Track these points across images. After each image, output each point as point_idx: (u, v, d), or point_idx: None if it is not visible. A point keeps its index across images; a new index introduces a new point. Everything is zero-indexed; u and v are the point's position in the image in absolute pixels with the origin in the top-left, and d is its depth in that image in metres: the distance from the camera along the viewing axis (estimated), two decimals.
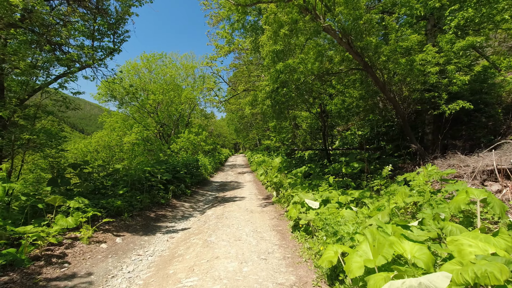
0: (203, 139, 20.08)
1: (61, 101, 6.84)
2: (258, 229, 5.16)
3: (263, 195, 9.38)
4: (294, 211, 4.54)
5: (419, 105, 9.03)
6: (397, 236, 2.20)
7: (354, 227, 3.27)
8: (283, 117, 10.09)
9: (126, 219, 5.63)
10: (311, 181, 7.39)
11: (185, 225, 5.96)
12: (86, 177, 5.94)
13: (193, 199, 9.25)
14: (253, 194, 9.65)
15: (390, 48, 8.07)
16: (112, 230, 4.98)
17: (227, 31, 10.05)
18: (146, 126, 19.99)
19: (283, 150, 18.46)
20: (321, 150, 12.28)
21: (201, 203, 8.70)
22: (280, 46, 7.91)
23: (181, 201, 8.64)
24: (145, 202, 6.79)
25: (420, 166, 8.02)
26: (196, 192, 10.54)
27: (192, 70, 22.93)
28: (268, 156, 20.43)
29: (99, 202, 5.52)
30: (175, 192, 8.92)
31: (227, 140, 64.45)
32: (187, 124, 23.53)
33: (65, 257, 3.63)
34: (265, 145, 28.21)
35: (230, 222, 5.82)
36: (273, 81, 8.34)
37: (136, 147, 22.20)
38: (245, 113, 10.64)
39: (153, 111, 20.49)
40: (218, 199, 9.08)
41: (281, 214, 6.31)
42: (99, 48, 9.58)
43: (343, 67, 8.74)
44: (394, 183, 6.57)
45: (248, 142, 44.13)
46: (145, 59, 20.21)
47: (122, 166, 7.73)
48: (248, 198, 8.83)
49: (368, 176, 7.91)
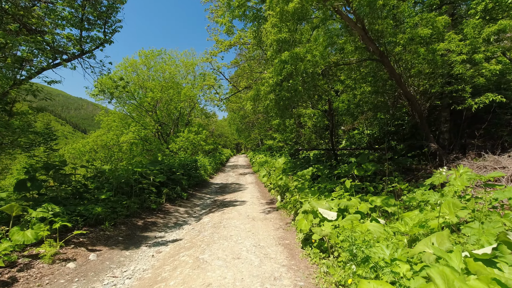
0: (203, 139, 19.29)
1: (29, 89, 6.05)
2: (261, 243, 4.33)
3: (266, 199, 8.56)
4: (305, 223, 3.72)
5: (438, 100, 8.16)
6: (485, 281, 1.38)
7: (390, 249, 2.45)
8: (288, 114, 9.27)
9: (107, 228, 4.83)
10: (320, 184, 6.55)
11: (176, 235, 5.16)
12: (62, 180, 5.16)
13: (190, 203, 8.44)
14: (255, 198, 8.83)
15: (407, 36, 7.22)
16: (86, 243, 4.18)
17: (227, 18, 9.25)
18: (144, 125, 19.26)
19: (286, 150, 17.62)
20: (328, 150, 11.43)
21: (198, 207, 7.89)
22: (286, 34, 7.09)
23: (175, 205, 7.83)
24: (133, 208, 5.99)
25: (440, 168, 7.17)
26: (193, 195, 9.73)
27: (192, 67, 22.18)
28: (270, 157, 19.60)
29: (76, 209, 4.73)
30: (170, 195, 8.12)
31: (228, 140, 63.72)
32: (187, 123, 22.77)
33: (13, 285, 2.83)
34: (268, 145, 27.39)
35: (228, 232, 5.00)
36: (277, 73, 7.52)
37: (135, 147, 21.51)
38: (246, 110, 9.83)
39: (152, 110, 19.75)
40: (216, 203, 8.27)
41: (287, 223, 5.49)
42: (88, 39, 8.83)
43: (355, 58, 7.91)
44: (415, 187, 5.73)
45: (250, 142, 43.34)
46: (143, 55, 19.49)
47: (111, 167, 6.95)
48: (249, 203, 8.01)
49: (384, 178, 7.05)
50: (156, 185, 7.76)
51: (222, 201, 8.57)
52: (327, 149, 11.59)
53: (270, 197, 8.87)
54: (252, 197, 8.95)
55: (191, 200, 8.88)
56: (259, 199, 8.53)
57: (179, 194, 8.59)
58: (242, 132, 40.53)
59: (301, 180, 6.89)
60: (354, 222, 3.29)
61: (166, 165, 9.34)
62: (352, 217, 3.42)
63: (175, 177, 9.06)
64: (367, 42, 6.55)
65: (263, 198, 8.72)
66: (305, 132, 12.82)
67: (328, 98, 9.21)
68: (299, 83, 7.70)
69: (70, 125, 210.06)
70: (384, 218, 4.06)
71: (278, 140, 17.60)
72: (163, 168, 8.85)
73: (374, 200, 4.23)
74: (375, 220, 3.32)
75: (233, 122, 44.49)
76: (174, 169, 9.62)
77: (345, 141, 13.45)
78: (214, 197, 9.59)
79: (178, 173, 9.77)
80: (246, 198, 8.92)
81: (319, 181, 7.42)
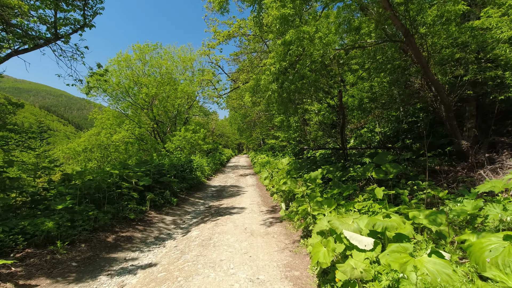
0: (201, 138, 18.17)
1: None
2: (260, 274, 3.17)
3: (267, 205, 7.40)
4: (324, 253, 2.56)
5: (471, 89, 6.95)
6: None
7: None
8: (292, 109, 8.11)
9: (59, 250, 3.69)
10: (333, 190, 5.37)
11: (153, 257, 4.01)
12: (4, 186, 4.03)
13: (180, 209, 7.30)
14: (255, 204, 7.68)
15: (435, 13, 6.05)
16: (20, 275, 3.04)
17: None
18: (138, 123, 18.20)
19: (290, 150, 16.44)
20: (337, 150, 10.25)
21: (188, 215, 6.75)
22: (290, 10, 5.92)
23: (162, 213, 6.70)
24: (103, 219, 4.85)
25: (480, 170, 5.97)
26: (185, 200, 8.60)
27: (191, 63, 21.07)
28: (273, 157, 18.44)
29: (18, 224, 3.60)
30: (156, 201, 6.99)
31: (230, 140, 62.70)
32: (185, 122, 21.69)
33: None
34: (270, 145, 26.19)
35: (218, 255, 3.84)
36: (280, 59, 6.36)
37: (130, 147, 20.47)
38: (245, 103, 8.67)
39: (147, 107, 18.68)
40: (210, 211, 7.13)
41: (294, 241, 4.32)
42: (65, 20, 7.74)
43: (372, 40, 6.72)
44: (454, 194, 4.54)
45: (251, 142, 42.21)
46: (137, 49, 18.41)
47: (81, 168, 5.81)
48: (248, 210, 6.85)
49: (409, 182, 5.86)
50: (140, 190, 6.63)
51: (217, 208, 7.43)
52: (335, 148, 10.40)
53: (273, 203, 7.71)
54: (252, 203, 7.81)
55: (182, 206, 7.74)
56: (259, 206, 7.37)
57: (168, 199, 7.46)
58: (243, 131, 39.37)
59: (311, 185, 5.71)
60: (403, 257, 2.11)
61: (155, 166, 8.21)
62: (399, 248, 2.25)
63: (165, 179, 7.93)
64: (392, 17, 5.36)
65: (265, 205, 7.57)
66: (311, 130, 11.64)
67: (339, 89, 8.02)
68: (307, 68, 6.53)
69: (73, 125, 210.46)
70: (434, 242, 2.88)
71: (281, 139, 16.43)
72: (150, 169, 7.73)
73: (416, 216, 3.06)
74: (435, 253, 2.15)
75: (234, 121, 43.37)
76: (164, 171, 8.50)
77: (353, 139, 12.25)
78: (209, 202, 8.45)
79: (169, 175, 8.64)
80: (245, 204, 7.76)
81: (331, 185, 6.24)
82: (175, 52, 21.31)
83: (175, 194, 8.50)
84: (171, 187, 8.10)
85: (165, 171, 8.54)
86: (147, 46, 18.76)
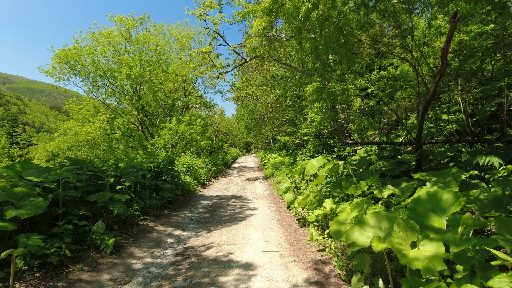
0: (199, 131, 14.35)
1: None
2: None
3: (300, 255, 3.49)
4: None
5: None
6: None
7: None
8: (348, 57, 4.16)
9: None
10: None
11: None
12: None
13: (111, 269, 3.44)
14: (273, 246, 3.77)
15: None
16: None
17: None
18: (119, 111, 14.60)
19: (311, 147, 12.39)
20: (406, 144, 6.19)
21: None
22: None
23: (53, 282, 2.88)
24: None
25: None
26: (142, 235, 4.74)
27: (187, 41, 17.33)
28: (289, 156, 14.44)
29: None
30: (45, 256, 3.13)
31: (237, 139, 59.13)
32: (182, 113, 17.98)
33: None
34: (282, 142, 22.07)
35: None
36: None
37: (115, 143, 16.90)
38: (253, 30, 4.82)
39: (131, 93, 15.01)
40: (180, 270, 3.27)
41: None
42: None
43: None
44: None
45: (260, 140, 38.22)
46: (122, 24, 14.74)
47: None
48: (262, 271, 2.97)
49: None
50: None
51: (197, 259, 3.55)
52: (403, 143, 6.32)
53: (306, 242, 3.78)
54: (268, 242, 3.90)
55: (126, 253, 3.86)
56: (284, 256, 3.43)
57: (94, 243, 3.61)
58: (251, 129, 35.63)
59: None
60: None
61: (85, 171, 4.38)
62: None
63: (103, 197, 4.09)
64: None
65: (294, 250, 3.65)
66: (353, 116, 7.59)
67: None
68: None
69: None
70: None
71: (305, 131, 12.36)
72: (68, 177, 3.89)
73: None
74: None
75: (241, 117, 39.58)
76: (108, 180, 4.66)
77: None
78: (188, 237, 4.57)
79: (122, 187, 4.83)
80: (254, 245, 3.85)
81: None
82: (169, 30, 17.62)
83: (122, 224, 4.65)
84: (112, 212, 4.20)
85: (112, 179, 4.69)
86: (132, 20, 15.08)
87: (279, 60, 11.55)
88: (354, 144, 7.84)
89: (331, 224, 2.69)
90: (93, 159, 12.55)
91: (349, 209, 2.73)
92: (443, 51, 3.96)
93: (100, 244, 3.56)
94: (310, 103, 9.09)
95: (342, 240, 2.46)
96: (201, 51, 11.09)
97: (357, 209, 2.61)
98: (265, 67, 19.82)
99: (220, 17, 9.72)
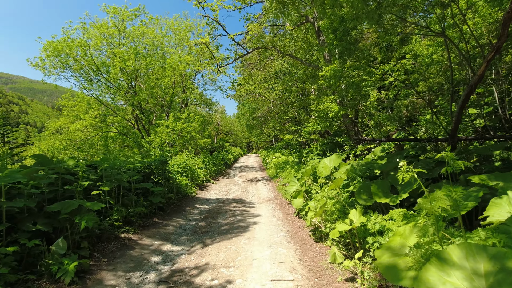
0: (197, 129, 13.47)
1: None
2: None
3: (318, 275, 2.62)
4: None
5: None
6: None
7: None
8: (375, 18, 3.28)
9: None
10: None
11: None
12: None
13: None
14: (284, 267, 2.89)
15: None
16: None
17: None
18: (113, 108, 13.75)
19: (318, 145, 11.47)
20: (438, 141, 5.27)
21: None
22: None
23: None
24: None
25: None
26: (123, 250, 3.87)
27: (186, 35, 16.45)
28: (295, 156, 13.55)
29: None
30: None
31: (239, 138, 58.33)
32: (180, 110, 17.11)
33: None
34: (285, 141, 21.16)
35: None
36: None
37: (111, 142, 16.09)
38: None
39: (126, 89, 14.16)
40: None
41: None
42: None
43: None
44: None
45: (262, 140, 37.32)
46: (113, 13, 13.88)
47: None
48: None
49: None
50: None
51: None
52: (434, 139, 5.39)
53: (326, 262, 2.90)
54: (278, 265, 3.02)
55: (88, 281, 2.97)
56: (301, 285, 2.58)
57: (49, 269, 2.75)
58: (253, 128, 34.75)
59: None
60: None
61: (48, 173, 3.51)
62: None
63: (67, 207, 3.22)
64: None
65: (310, 271, 2.77)
66: (371, 109, 6.65)
67: None
68: None
69: None
70: None
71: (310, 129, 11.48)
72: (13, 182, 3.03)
73: None
74: None
75: (243, 116, 38.67)
76: (81, 184, 3.78)
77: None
78: (176, 257, 3.68)
79: (97, 192, 3.96)
80: (261, 270, 2.96)
81: None
82: (167, 23, 16.74)
83: (99, 238, 3.78)
84: (76, 231, 3.31)
85: (83, 183, 3.81)
86: (126, 11, 14.20)
87: (284, 52, 10.66)
88: (371, 142, 6.92)
89: (380, 255, 1.79)
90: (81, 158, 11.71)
91: (404, 230, 1.82)
92: (506, 17, 3.04)
93: (57, 270, 2.68)
94: (326, 89, 8.13)
95: (403, 285, 1.57)
96: (199, 42, 10.19)
97: (421, 232, 1.71)
98: (267, 63, 18.90)
99: (219, 2, 8.82)
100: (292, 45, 12.54)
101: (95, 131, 13.71)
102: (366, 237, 2.90)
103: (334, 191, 4.47)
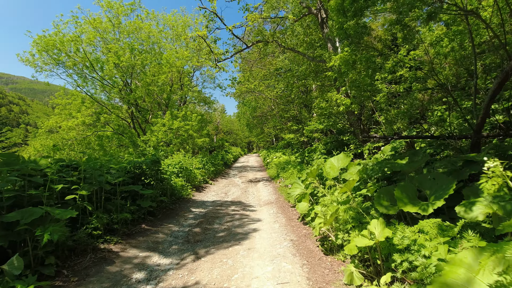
0: (195, 127, 12.93)
1: None
2: None
3: None
4: None
5: None
6: None
7: None
8: None
9: None
10: None
11: None
12: None
13: None
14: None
15: None
16: None
17: None
18: (108, 106, 13.22)
19: (321, 144, 10.92)
20: (460, 138, 4.70)
21: None
22: None
23: None
24: None
25: None
26: (100, 265, 3.33)
27: (184, 30, 15.90)
28: (296, 155, 13.00)
29: None
30: None
31: (239, 138, 57.80)
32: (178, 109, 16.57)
33: None
34: (286, 141, 20.58)
35: None
36: None
37: (106, 141, 15.56)
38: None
39: (121, 86, 13.62)
40: None
41: None
42: None
43: None
44: None
45: (262, 139, 36.76)
46: (107, 7, 13.34)
47: None
48: None
49: None
50: None
51: None
52: (456, 136, 4.83)
53: (341, 283, 2.37)
54: (282, 286, 2.48)
55: None
56: None
57: None
58: (253, 127, 34.20)
59: None
60: None
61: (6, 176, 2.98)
62: None
63: (29, 215, 2.69)
64: None
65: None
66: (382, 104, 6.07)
67: None
68: None
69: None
70: None
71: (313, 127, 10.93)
72: None
73: None
74: None
75: (243, 115, 38.12)
76: (52, 187, 3.24)
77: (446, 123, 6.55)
78: (162, 273, 3.13)
79: (72, 197, 3.41)
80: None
81: None
82: (164, 19, 16.19)
83: (72, 251, 3.23)
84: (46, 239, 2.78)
85: (57, 186, 3.28)
86: (121, 5, 13.66)
87: (285, 46, 10.11)
88: (381, 139, 6.36)
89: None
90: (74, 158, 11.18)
91: (465, 257, 1.27)
92: None
93: None
94: (329, 86, 7.58)
95: None
96: (196, 35, 9.64)
97: (497, 261, 1.15)
98: (268, 60, 18.35)
99: None
100: (294, 40, 11.99)
101: (89, 130, 13.19)
102: (390, 253, 2.36)
103: (344, 194, 3.93)
